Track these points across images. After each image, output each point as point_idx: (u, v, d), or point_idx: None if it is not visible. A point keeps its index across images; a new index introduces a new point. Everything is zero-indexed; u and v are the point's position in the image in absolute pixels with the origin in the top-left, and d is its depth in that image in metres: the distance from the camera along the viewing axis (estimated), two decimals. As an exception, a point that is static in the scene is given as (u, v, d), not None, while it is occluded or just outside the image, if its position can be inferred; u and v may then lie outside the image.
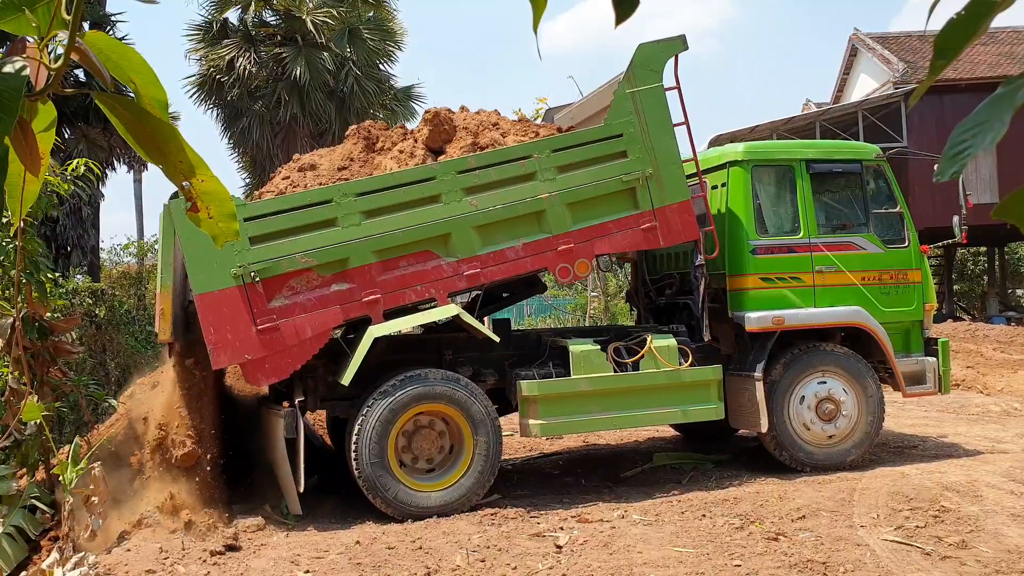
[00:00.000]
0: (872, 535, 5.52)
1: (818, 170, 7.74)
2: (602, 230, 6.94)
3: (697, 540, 5.61)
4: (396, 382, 6.67)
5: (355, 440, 6.55)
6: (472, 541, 5.78)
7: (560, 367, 7.25)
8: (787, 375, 7.44)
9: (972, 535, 5.41)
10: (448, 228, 6.64)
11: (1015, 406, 10.70)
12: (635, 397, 7.23)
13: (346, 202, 6.47)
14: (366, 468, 6.50)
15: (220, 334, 6.18)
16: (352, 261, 6.48)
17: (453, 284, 6.72)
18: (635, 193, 6.94)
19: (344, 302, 6.47)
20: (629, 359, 7.33)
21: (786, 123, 21.07)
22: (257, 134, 19.04)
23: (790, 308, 7.50)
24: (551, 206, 6.78)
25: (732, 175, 7.67)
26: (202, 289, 6.19)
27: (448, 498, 6.62)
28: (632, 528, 5.95)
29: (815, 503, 6.28)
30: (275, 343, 6.27)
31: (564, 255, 6.85)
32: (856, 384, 7.53)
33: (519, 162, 6.78)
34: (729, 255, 7.62)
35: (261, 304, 6.26)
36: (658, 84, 6.95)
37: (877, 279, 7.73)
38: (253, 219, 6.30)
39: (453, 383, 6.78)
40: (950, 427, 9.42)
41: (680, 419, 7.68)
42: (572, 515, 6.40)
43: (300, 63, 18.25)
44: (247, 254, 6.23)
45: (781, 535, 5.59)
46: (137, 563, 5.50)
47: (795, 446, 7.43)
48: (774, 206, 7.81)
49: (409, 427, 6.76)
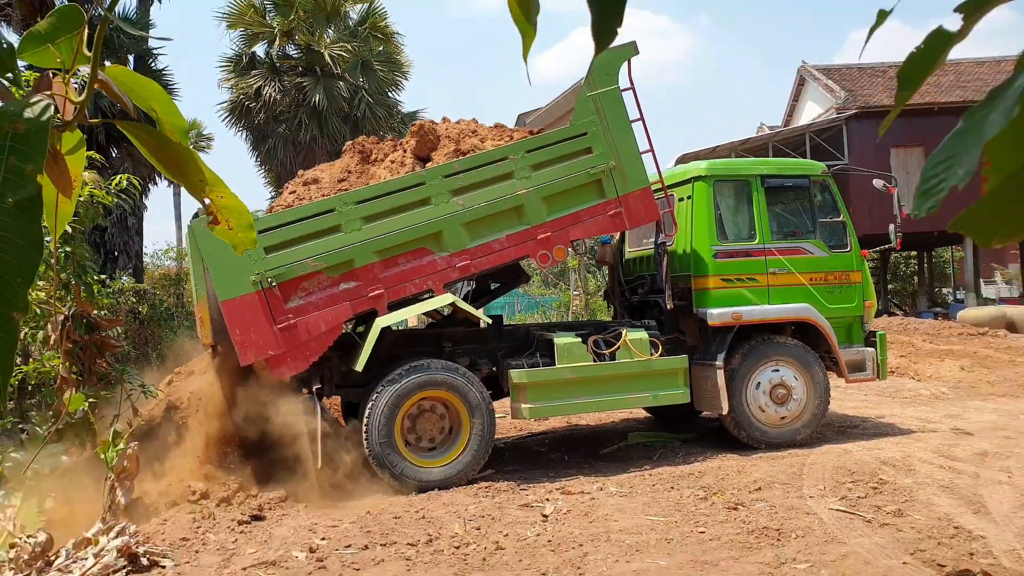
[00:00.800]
0: (820, 505, 5.47)
1: (772, 184, 7.71)
2: (575, 219, 6.87)
3: (666, 509, 5.56)
4: (402, 371, 6.61)
5: (366, 422, 6.48)
6: (469, 511, 5.72)
7: (546, 357, 7.21)
8: (745, 364, 7.40)
9: (907, 504, 5.36)
10: (439, 226, 6.57)
11: (942, 390, 10.67)
12: (612, 384, 7.19)
13: (347, 210, 6.40)
14: (376, 447, 6.44)
15: (245, 334, 6.13)
16: (356, 262, 6.41)
17: (447, 275, 6.66)
18: (601, 184, 6.88)
19: (352, 298, 6.41)
20: (607, 350, 7.29)
21: (743, 143, 21.07)
22: (281, 153, 18.95)
23: (747, 305, 7.47)
24: (528, 200, 6.72)
25: (696, 189, 7.64)
26: (226, 296, 6.13)
27: (448, 473, 6.56)
28: (609, 499, 5.89)
29: (770, 476, 6.24)
30: (294, 339, 6.21)
31: (543, 243, 6.79)
32: (805, 372, 7.49)
33: (497, 163, 6.71)
34: (694, 259, 7.58)
35: (279, 305, 6.20)
36: (615, 86, 6.88)
37: (823, 280, 7.71)
38: (266, 231, 6.22)
39: (452, 372, 6.72)
40: (887, 409, 9.39)
41: (651, 403, 7.63)
42: (557, 487, 6.34)
43: (319, 91, 18.17)
44: (263, 262, 6.16)
45: (740, 505, 5.54)
46: (172, 531, 5.41)
47: (752, 426, 7.40)
48: (733, 216, 7.76)
49: (414, 411, 6.70)
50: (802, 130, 21.96)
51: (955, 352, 12.94)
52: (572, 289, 21.62)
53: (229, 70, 19.31)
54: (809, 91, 25.99)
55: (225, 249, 6.02)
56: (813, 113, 25.17)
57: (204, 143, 32.20)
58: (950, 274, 31.03)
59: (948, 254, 30.56)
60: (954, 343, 13.85)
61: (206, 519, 5.67)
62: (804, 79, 25.92)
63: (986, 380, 11.10)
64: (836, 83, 23.15)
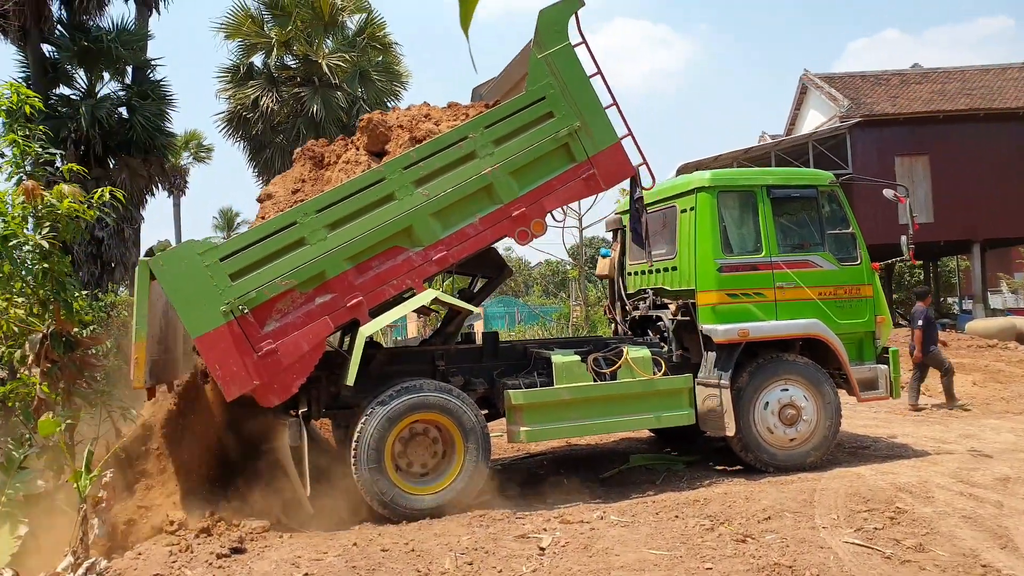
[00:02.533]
0: (834, 537, 5.11)
1: (778, 195, 7.38)
2: (547, 188, 6.49)
3: (670, 542, 5.20)
4: (393, 392, 6.27)
5: (355, 445, 6.13)
6: (461, 543, 5.36)
7: (544, 376, 6.87)
8: (752, 382, 7.05)
9: (928, 538, 5.00)
10: (408, 221, 6.18)
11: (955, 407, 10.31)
12: (613, 404, 6.84)
13: (308, 221, 6.01)
14: (365, 472, 6.09)
15: (226, 368, 5.74)
16: (328, 273, 6.03)
17: (425, 271, 6.28)
18: (569, 148, 6.50)
19: (331, 311, 6.03)
20: (607, 369, 6.95)
21: (745, 152, 20.78)
22: (279, 164, 18.68)
23: (754, 321, 7.13)
24: (496, 178, 6.34)
25: (699, 200, 7.30)
26: (198, 332, 5.73)
27: (440, 500, 6.20)
28: (610, 529, 5.54)
29: (779, 504, 5.87)
30: (277, 364, 5.84)
31: (519, 220, 6.41)
32: (816, 392, 7.14)
33: (457, 145, 6.32)
34: (698, 273, 7.24)
35: (255, 332, 5.82)
36: (565, 43, 6.49)
37: (832, 294, 7.36)
38: (228, 256, 5.84)
39: (446, 394, 6.37)
40: (898, 428, 9.02)
41: (654, 424, 7.28)
42: (555, 516, 5.98)
43: (317, 101, 17.94)
44: (231, 290, 5.78)
45: (749, 537, 5.18)
46: (146, 567, 5.06)
47: (760, 448, 7.04)
48: (738, 228, 7.43)
49: (405, 434, 6.34)
50: (805, 139, 21.66)
51: (966, 366, 12.58)
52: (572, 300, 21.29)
53: (227, 80, 19.09)
54: (811, 99, 25.71)
55: (188, 283, 5.73)
56: (816, 122, 24.88)
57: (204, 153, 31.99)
58: (956, 283, 30.65)
59: (953, 263, 30.19)
60: (964, 356, 13.49)
61: (183, 552, 5.31)
62: (806, 87, 25.64)
63: (1000, 396, 10.73)
64: (839, 91, 22.86)
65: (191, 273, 5.74)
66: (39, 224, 6.20)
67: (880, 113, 21.77)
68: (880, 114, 21.74)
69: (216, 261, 5.80)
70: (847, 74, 24.69)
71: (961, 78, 23.51)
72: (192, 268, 5.75)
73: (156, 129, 18.06)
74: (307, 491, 5.96)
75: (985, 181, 21.04)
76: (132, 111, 17.83)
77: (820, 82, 24.06)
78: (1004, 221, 21.36)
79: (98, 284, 16.52)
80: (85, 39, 17.32)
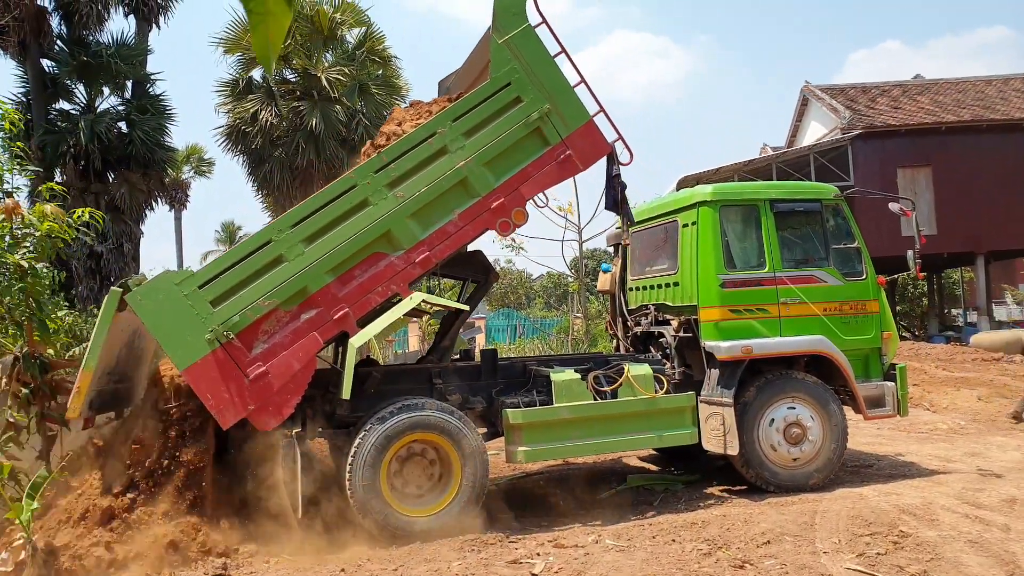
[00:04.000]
0: (835, 563, 4.95)
1: (781, 209, 7.24)
2: (524, 176, 6.33)
3: (667, 568, 5.03)
4: (394, 409, 6.14)
5: (350, 463, 5.99)
6: (452, 569, 5.20)
7: (544, 395, 6.73)
8: (759, 399, 6.89)
9: (932, 564, 4.83)
10: (386, 226, 6.04)
11: (960, 423, 10.13)
12: (614, 423, 6.69)
13: (283, 237, 5.89)
14: (359, 491, 5.95)
15: (218, 397, 5.60)
16: (311, 287, 5.89)
17: (409, 274, 6.14)
18: (541, 132, 6.34)
19: (318, 326, 5.89)
20: (608, 387, 6.81)
21: (746, 165, 20.66)
22: (278, 178, 18.64)
23: (758, 338, 6.98)
24: (471, 171, 6.19)
25: (701, 214, 7.17)
26: (185, 364, 5.60)
27: (434, 524, 6.03)
28: (605, 555, 5.37)
29: (779, 527, 5.70)
30: (269, 386, 5.70)
31: (498, 211, 6.26)
32: (823, 412, 6.97)
33: (427, 142, 6.19)
34: (700, 288, 7.10)
35: (243, 357, 5.68)
36: (525, 25, 6.33)
37: (838, 310, 7.20)
38: (207, 283, 5.72)
39: (448, 415, 6.23)
40: (902, 445, 8.84)
41: (656, 444, 7.13)
42: (549, 539, 5.82)
43: (316, 115, 17.90)
44: (214, 317, 5.65)
45: (747, 563, 5.02)
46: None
47: (762, 466, 6.88)
48: (741, 243, 7.29)
49: (403, 453, 6.19)
50: (806, 151, 21.55)
51: (970, 380, 12.38)
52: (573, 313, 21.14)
53: (226, 94, 19.06)
54: (812, 111, 25.64)
55: (169, 316, 5.60)
56: (817, 133, 24.79)
57: (205, 167, 31.99)
58: (960, 295, 30.43)
59: (957, 275, 29.99)
60: (969, 370, 13.30)
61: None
62: (807, 99, 25.57)
63: (1006, 412, 10.53)
64: (840, 103, 22.78)
65: (171, 305, 5.61)
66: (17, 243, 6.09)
67: (882, 125, 21.67)
68: (882, 125, 21.63)
69: (195, 289, 5.67)
70: (848, 85, 24.62)
71: (963, 89, 23.42)
72: (171, 299, 5.62)
73: (156, 143, 18.03)
74: (298, 513, 5.82)
75: (988, 192, 20.90)
76: (132, 125, 17.81)
77: (821, 94, 23.99)
78: (1008, 232, 21.19)
79: (96, 300, 16.44)
80: (85, 54, 17.32)
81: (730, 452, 6.77)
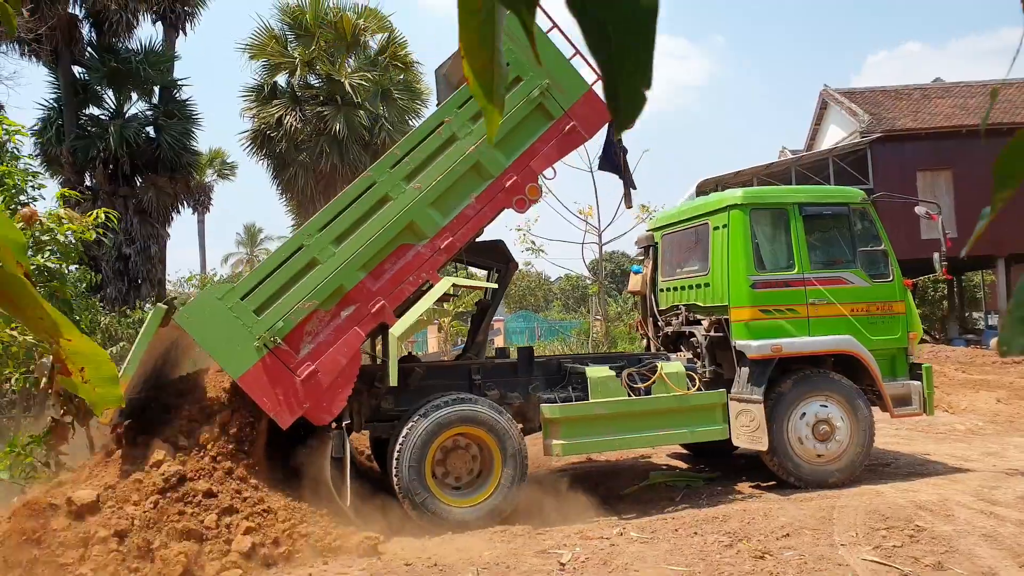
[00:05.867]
0: (852, 554, 5.16)
1: (810, 212, 7.46)
2: (533, 152, 6.56)
3: (689, 558, 5.28)
4: (449, 399, 6.47)
5: (399, 448, 6.29)
6: (483, 558, 5.48)
7: (579, 391, 7.00)
8: (792, 393, 7.13)
9: (947, 556, 5.04)
10: (409, 217, 6.31)
11: (979, 424, 10.26)
12: (647, 419, 6.97)
13: (314, 241, 6.20)
14: (405, 472, 6.25)
15: (274, 400, 5.93)
16: (346, 285, 6.20)
17: (437, 261, 6.42)
18: (544, 107, 6.55)
19: (358, 321, 6.21)
20: (642, 384, 7.07)
21: (766, 168, 20.79)
22: (302, 181, 19.04)
23: (787, 337, 7.21)
24: (481, 154, 6.42)
25: (732, 217, 7.42)
26: (239, 372, 5.92)
27: (472, 515, 6.32)
28: (630, 546, 5.63)
29: (798, 521, 5.93)
30: (320, 384, 6.04)
31: (512, 190, 6.51)
32: (852, 415, 7.19)
33: (436, 132, 6.45)
34: (731, 289, 7.34)
35: (292, 359, 6.01)
36: None
37: (865, 310, 7.41)
38: (248, 294, 6.03)
39: (497, 414, 6.53)
40: (920, 445, 9.01)
41: (688, 439, 7.41)
42: (575, 532, 6.08)
43: (339, 120, 18.27)
44: (259, 325, 5.97)
45: (767, 554, 5.24)
46: None
47: (787, 456, 7.10)
48: (771, 245, 7.53)
49: (448, 444, 6.49)
50: (825, 154, 21.64)
51: (990, 383, 12.48)
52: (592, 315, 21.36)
53: (251, 99, 19.50)
54: (832, 115, 25.69)
55: (217, 329, 5.92)
56: (836, 137, 24.85)
57: (228, 171, 32.57)
58: (981, 298, 30.29)
59: (978, 278, 29.87)
60: (988, 372, 13.39)
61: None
62: (826, 103, 25.63)
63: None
64: (859, 106, 22.85)
65: (217, 319, 5.94)
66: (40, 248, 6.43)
67: (901, 128, 21.72)
68: (901, 129, 21.68)
69: (237, 301, 6.00)
70: (867, 89, 24.67)
71: (983, 92, 23.40)
72: (217, 313, 5.95)
73: (182, 148, 18.50)
74: (347, 502, 6.09)
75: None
76: (159, 130, 18.29)
77: (840, 97, 24.06)
78: (1029, 235, 21.13)
79: (125, 301, 16.90)
80: (114, 60, 17.82)
81: (759, 448, 7.00)
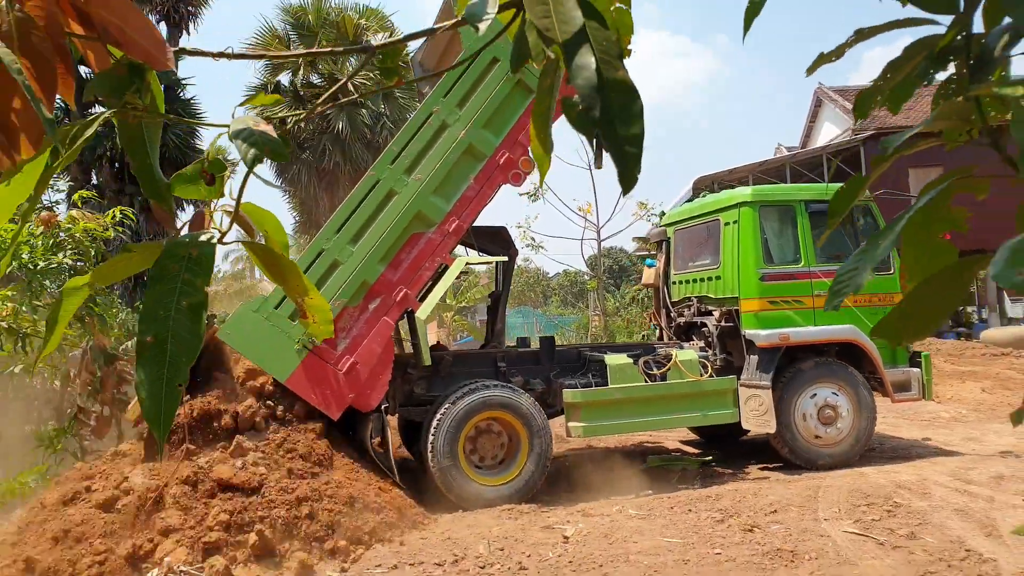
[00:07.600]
0: (834, 527, 5.62)
1: (816, 209, 7.91)
2: (521, 126, 6.92)
3: (684, 532, 5.73)
4: (482, 384, 6.98)
5: (434, 428, 6.76)
6: (492, 532, 5.92)
7: (598, 377, 7.49)
8: (794, 383, 7.61)
9: (920, 527, 5.50)
10: (416, 207, 6.74)
11: (962, 412, 10.74)
12: (663, 404, 7.49)
13: (332, 244, 6.67)
14: (440, 448, 6.72)
15: (321, 395, 6.42)
16: (369, 280, 6.67)
17: (447, 244, 6.88)
18: (523, 83, 6.86)
19: (385, 311, 6.71)
20: (658, 371, 7.54)
21: (760, 165, 21.19)
22: (305, 179, 19.44)
23: (793, 327, 7.69)
24: (472, 137, 6.81)
25: (742, 214, 7.90)
26: (285, 376, 6.38)
27: (500, 494, 6.79)
28: (628, 521, 6.08)
29: (785, 498, 6.39)
30: (360, 374, 6.53)
31: (507, 165, 6.91)
32: (857, 409, 7.66)
33: (426, 123, 6.84)
34: (741, 281, 7.84)
35: (331, 355, 6.51)
36: None
37: (867, 302, 7.85)
38: (280, 303, 6.46)
39: (531, 405, 7.01)
40: (905, 431, 9.48)
41: (701, 422, 7.88)
42: (578, 510, 6.53)
43: (342, 119, 18.65)
44: (295, 329, 6.42)
45: (756, 527, 5.70)
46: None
47: (786, 427, 7.59)
48: (778, 240, 8.01)
49: (482, 425, 6.96)
50: (819, 151, 22.08)
51: (977, 373, 12.96)
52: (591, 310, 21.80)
53: (255, 98, 19.88)
54: (826, 112, 26.14)
55: (259, 339, 6.37)
56: (831, 134, 25.29)
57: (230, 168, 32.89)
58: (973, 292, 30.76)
59: (971, 273, 30.30)
60: (976, 364, 13.85)
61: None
62: (821, 100, 26.07)
63: (1007, 402, 11.12)
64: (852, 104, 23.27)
65: (256, 330, 6.43)
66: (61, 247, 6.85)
67: (893, 126, 22.14)
68: (893, 127, 22.11)
69: (272, 310, 6.47)
70: (861, 87, 25.09)
71: (975, 89, 23.83)
72: (255, 325, 6.44)
73: (187, 146, 18.87)
74: (395, 477, 6.53)
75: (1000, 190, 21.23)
76: (164, 129, 18.63)
77: (834, 95, 24.50)
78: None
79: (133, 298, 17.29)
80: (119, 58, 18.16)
81: (767, 430, 7.50)
